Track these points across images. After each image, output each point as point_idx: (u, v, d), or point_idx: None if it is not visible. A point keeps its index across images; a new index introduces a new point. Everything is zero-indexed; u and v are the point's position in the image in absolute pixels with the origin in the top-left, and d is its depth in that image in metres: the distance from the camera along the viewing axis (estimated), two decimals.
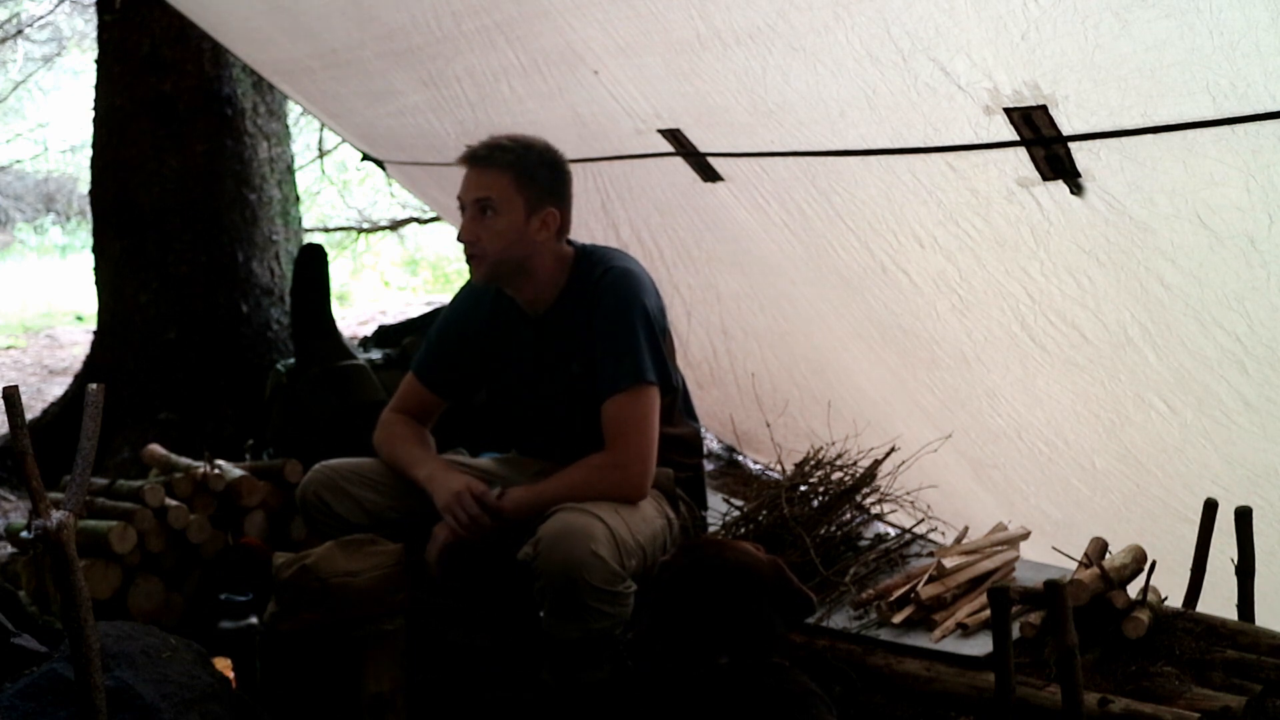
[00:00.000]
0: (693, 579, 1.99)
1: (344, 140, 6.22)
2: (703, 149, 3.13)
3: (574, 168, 2.68)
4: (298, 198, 5.79)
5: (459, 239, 2.59)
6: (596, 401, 2.53)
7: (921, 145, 2.44)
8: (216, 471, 3.34)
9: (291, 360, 4.27)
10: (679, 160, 3.27)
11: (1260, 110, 1.82)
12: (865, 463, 2.79)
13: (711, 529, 2.77)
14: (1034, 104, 2.10)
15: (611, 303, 2.55)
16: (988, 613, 2.07)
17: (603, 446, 2.52)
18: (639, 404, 2.51)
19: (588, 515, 2.34)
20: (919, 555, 2.69)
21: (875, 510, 2.88)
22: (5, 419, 3.45)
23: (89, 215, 5.70)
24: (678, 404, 2.70)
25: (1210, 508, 2.38)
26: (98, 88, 5.31)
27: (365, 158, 5.53)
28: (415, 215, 9.58)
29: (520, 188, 2.54)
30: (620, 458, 2.50)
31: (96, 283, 5.37)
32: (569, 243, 2.67)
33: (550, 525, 2.34)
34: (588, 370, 2.57)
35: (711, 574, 1.99)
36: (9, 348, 9.06)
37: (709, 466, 5.10)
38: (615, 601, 2.32)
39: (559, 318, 2.63)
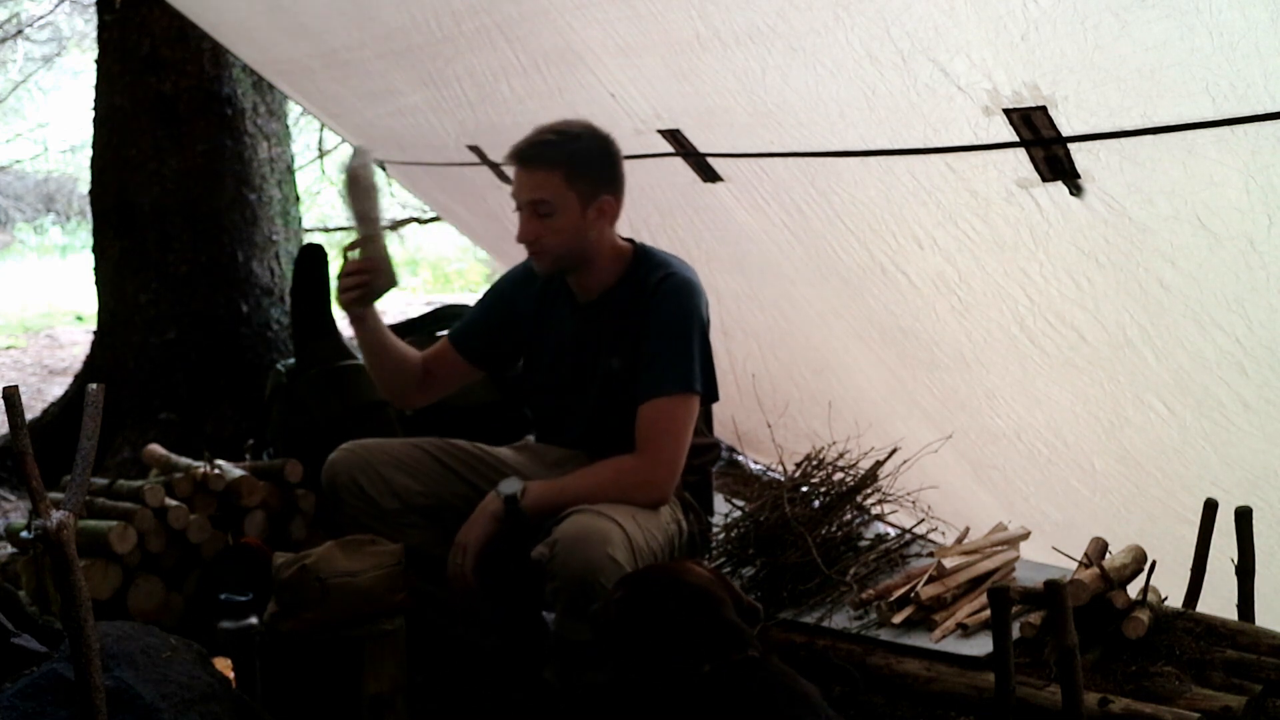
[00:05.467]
0: (649, 603, 1.96)
1: (344, 140, 6.21)
2: (702, 149, 3.13)
3: None
4: (298, 198, 5.78)
5: (519, 239, 2.56)
6: (631, 398, 2.51)
7: (921, 146, 2.44)
8: (216, 471, 3.34)
9: (291, 360, 4.26)
10: (679, 160, 3.27)
11: (1260, 111, 1.82)
12: (866, 463, 2.80)
13: (714, 530, 2.77)
14: (1033, 105, 2.10)
15: (670, 307, 2.53)
16: (988, 613, 2.07)
17: (628, 445, 2.50)
18: (679, 410, 2.49)
19: (605, 519, 2.33)
20: (919, 555, 2.70)
21: (876, 511, 2.88)
22: (5, 419, 3.45)
23: (89, 215, 5.69)
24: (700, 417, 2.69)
25: (1210, 508, 2.38)
26: (98, 88, 5.30)
27: None
28: (415, 215, 9.59)
29: (572, 183, 2.51)
30: (650, 461, 2.48)
31: (96, 283, 5.36)
32: (630, 241, 2.67)
33: (567, 528, 2.33)
34: (628, 367, 2.55)
35: (668, 591, 1.97)
36: (9, 348, 9.06)
37: None
38: None
39: (606, 309, 2.62)
